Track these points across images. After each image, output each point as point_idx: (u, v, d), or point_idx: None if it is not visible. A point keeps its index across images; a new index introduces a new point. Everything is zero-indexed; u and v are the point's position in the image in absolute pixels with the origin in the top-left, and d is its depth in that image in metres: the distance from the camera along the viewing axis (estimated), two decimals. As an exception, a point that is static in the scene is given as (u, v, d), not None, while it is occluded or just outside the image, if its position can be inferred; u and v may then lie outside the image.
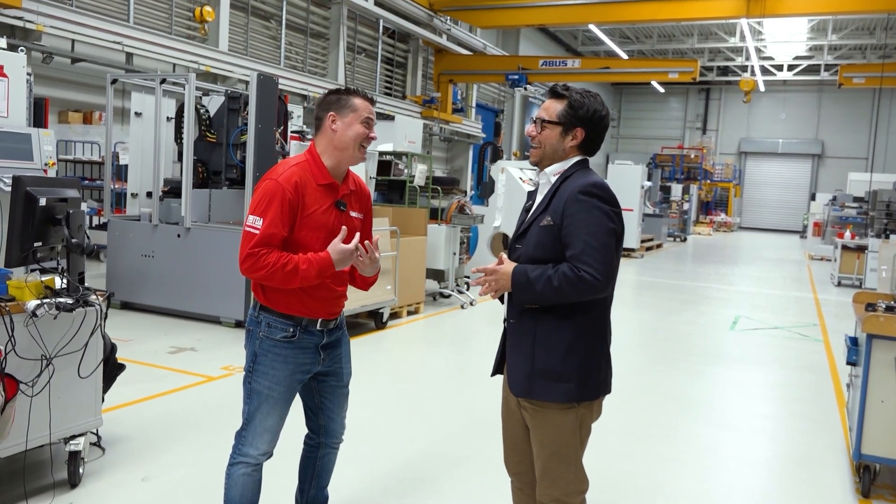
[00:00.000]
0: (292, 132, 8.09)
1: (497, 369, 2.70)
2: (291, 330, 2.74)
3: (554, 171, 2.49)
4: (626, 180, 17.54)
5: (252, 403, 2.77)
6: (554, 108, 2.47)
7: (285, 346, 2.74)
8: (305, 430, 3.06)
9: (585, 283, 2.30)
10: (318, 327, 2.79)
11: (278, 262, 2.60)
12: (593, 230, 2.33)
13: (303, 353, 2.78)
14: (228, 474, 2.82)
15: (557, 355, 2.40)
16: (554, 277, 2.32)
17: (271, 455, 2.86)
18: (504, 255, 2.50)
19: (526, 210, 2.61)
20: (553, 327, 2.41)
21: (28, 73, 6.47)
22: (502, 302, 2.62)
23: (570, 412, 2.43)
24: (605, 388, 2.52)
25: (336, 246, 2.67)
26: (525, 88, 22.38)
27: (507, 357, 2.55)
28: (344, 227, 2.74)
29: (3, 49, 6.26)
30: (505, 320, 2.60)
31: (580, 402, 2.43)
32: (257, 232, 2.61)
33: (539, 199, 2.52)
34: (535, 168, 2.59)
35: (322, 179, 2.74)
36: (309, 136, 8.13)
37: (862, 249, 13.44)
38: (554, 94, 2.50)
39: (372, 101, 2.80)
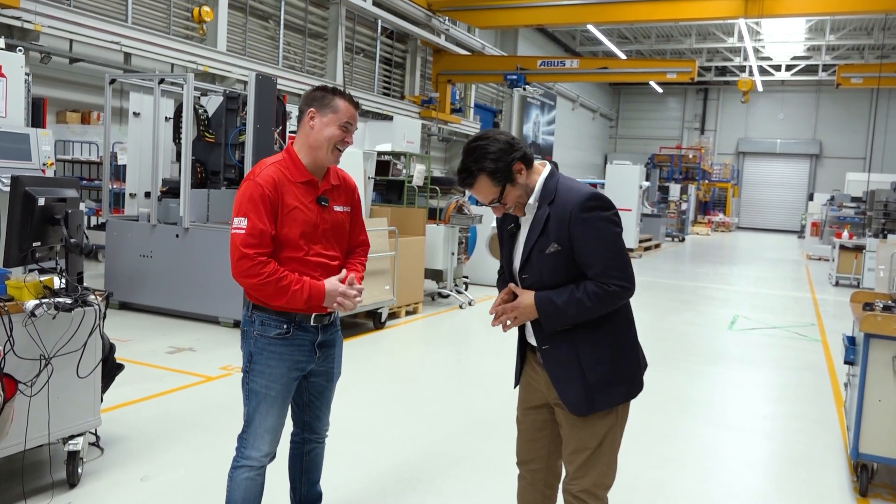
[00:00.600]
0: (290, 132, 8.09)
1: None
2: (285, 327, 2.74)
3: (534, 199, 2.47)
4: (625, 180, 17.54)
5: (251, 404, 2.77)
6: (485, 185, 2.40)
7: (280, 343, 2.74)
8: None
9: (616, 296, 2.38)
10: (311, 323, 2.79)
11: (273, 274, 2.62)
12: (606, 243, 2.37)
13: (298, 350, 2.78)
14: (231, 477, 2.81)
15: (607, 362, 2.45)
16: (585, 299, 2.36)
17: (274, 456, 2.85)
18: (513, 286, 2.51)
19: (510, 234, 2.56)
20: (593, 341, 2.45)
21: (26, 73, 6.48)
22: None
23: (612, 409, 2.49)
24: (644, 366, 2.61)
25: (332, 281, 2.74)
26: (524, 89, 22.42)
27: (552, 382, 2.50)
28: (344, 270, 2.81)
29: (2, 49, 6.27)
30: (524, 341, 2.63)
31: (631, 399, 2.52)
32: (242, 231, 2.62)
33: (528, 225, 2.49)
34: None
35: (300, 177, 2.74)
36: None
37: (860, 249, 13.46)
38: (468, 183, 2.43)
39: (356, 106, 2.78)
